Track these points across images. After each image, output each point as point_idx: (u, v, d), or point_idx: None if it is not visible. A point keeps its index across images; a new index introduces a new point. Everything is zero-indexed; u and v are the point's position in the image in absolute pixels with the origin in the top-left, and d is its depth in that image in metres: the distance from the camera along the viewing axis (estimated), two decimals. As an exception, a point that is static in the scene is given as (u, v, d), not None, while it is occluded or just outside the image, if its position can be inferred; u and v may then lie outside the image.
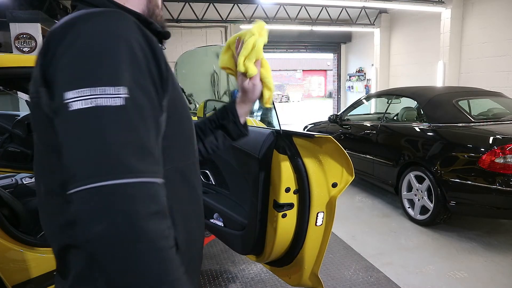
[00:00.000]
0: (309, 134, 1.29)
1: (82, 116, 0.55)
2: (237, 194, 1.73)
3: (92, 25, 0.61)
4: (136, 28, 0.64)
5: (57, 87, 0.59)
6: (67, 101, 0.56)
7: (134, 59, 0.61)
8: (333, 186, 1.36)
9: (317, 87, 37.73)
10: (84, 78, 0.57)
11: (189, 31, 9.89)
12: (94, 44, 0.59)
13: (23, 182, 2.74)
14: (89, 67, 0.58)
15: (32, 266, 1.70)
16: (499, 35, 6.67)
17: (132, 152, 0.56)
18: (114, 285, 0.55)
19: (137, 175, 0.55)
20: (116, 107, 0.56)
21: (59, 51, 0.60)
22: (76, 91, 0.56)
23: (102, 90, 0.56)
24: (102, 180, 0.53)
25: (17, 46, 6.00)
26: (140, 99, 0.60)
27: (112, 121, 0.56)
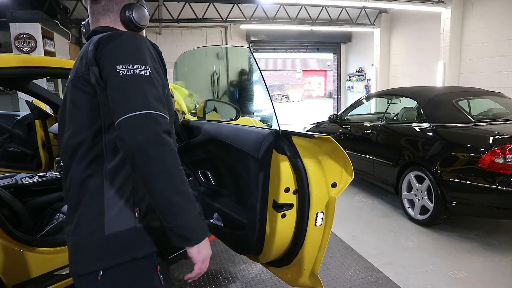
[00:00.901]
0: (309, 134, 1.29)
1: (128, 78, 0.96)
2: (236, 194, 1.73)
3: (125, 37, 1.04)
4: (148, 42, 1.10)
5: (110, 64, 0.98)
6: (118, 70, 0.96)
7: (151, 55, 1.05)
8: (333, 186, 1.36)
9: (317, 87, 37.72)
10: (127, 58, 0.99)
11: (189, 31, 9.89)
12: (129, 44, 1.03)
13: (23, 182, 2.74)
14: (129, 54, 1.00)
15: (32, 266, 1.70)
16: (499, 35, 6.67)
17: (155, 100, 0.97)
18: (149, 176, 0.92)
19: (158, 110, 0.95)
20: (146, 76, 0.99)
21: (107, 49, 1.01)
22: (123, 65, 0.97)
23: (138, 66, 0.98)
24: (140, 110, 0.93)
25: (17, 46, 6.00)
26: (156, 75, 1.03)
27: (144, 82, 0.98)
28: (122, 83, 0.95)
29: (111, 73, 0.97)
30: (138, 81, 0.96)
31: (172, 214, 0.94)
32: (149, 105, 0.94)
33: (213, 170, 1.90)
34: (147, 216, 1.06)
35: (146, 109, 0.93)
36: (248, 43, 10.61)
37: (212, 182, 1.93)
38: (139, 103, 0.93)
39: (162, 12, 8.56)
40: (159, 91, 1.00)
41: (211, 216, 1.83)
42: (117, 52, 1.00)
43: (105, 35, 1.04)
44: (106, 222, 1.02)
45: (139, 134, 0.90)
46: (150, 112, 0.93)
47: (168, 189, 0.92)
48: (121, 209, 1.04)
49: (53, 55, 6.62)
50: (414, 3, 7.55)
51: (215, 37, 10.25)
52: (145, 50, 1.03)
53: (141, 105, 0.93)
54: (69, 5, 8.09)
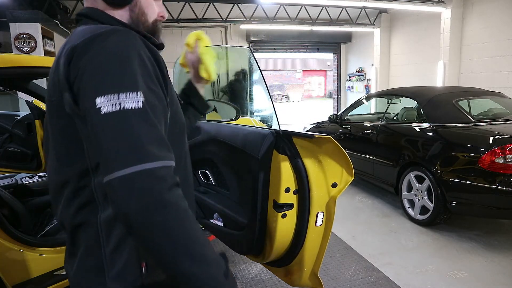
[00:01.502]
0: (309, 134, 1.29)
1: (112, 117, 0.70)
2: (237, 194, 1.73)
3: (108, 43, 0.76)
4: (142, 44, 0.80)
5: (87, 93, 0.72)
6: (99, 106, 0.70)
7: (144, 68, 0.77)
8: (333, 186, 1.36)
9: (317, 87, 37.72)
10: (110, 86, 0.71)
11: (189, 31, 9.78)
12: (112, 58, 0.74)
13: (23, 182, 2.75)
14: (112, 77, 0.72)
15: (32, 266, 1.70)
16: (499, 35, 6.67)
17: (154, 144, 0.71)
18: (153, 247, 0.69)
19: (160, 160, 0.71)
20: (138, 108, 0.71)
21: (83, 64, 0.74)
22: (105, 96, 0.70)
23: (125, 95, 0.71)
24: (134, 164, 0.68)
25: (17, 46, 6.00)
26: (153, 100, 0.76)
27: (136, 120, 0.71)
28: (106, 125, 0.69)
29: (91, 110, 0.70)
30: (127, 121, 0.70)
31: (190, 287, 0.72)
32: (145, 155, 0.69)
33: (213, 170, 1.90)
34: (156, 269, 0.85)
35: (141, 161, 0.68)
36: (248, 43, 10.61)
37: (212, 182, 1.93)
38: (131, 155, 0.69)
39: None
40: (157, 126, 0.74)
41: (211, 216, 1.83)
42: (95, 74, 0.73)
43: (81, 43, 0.76)
44: (108, 281, 0.83)
45: (136, 200, 0.67)
46: (147, 167, 0.68)
47: (182, 260, 0.70)
48: (124, 265, 0.83)
49: (53, 55, 6.62)
50: (414, 3, 7.55)
51: (215, 37, 10.25)
52: (134, 63, 0.75)
53: (134, 158, 0.68)
54: (69, 5, 8.09)
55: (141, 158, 0.69)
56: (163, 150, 0.73)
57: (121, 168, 0.68)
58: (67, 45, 0.80)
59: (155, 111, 0.75)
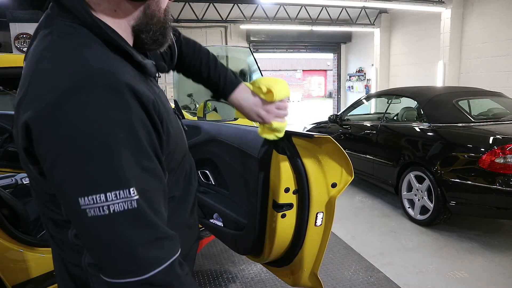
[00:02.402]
0: (308, 134, 1.29)
1: (100, 222, 0.56)
2: (236, 194, 1.73)
3: (80, 112, 0.55)
4: (133, 100, 0.59)
5: (66, 191, 0.57)
6: (83, 207, 0.56)
7: (137, 144, 0.59)
8: (333, 186, 1.36)
9: (317, 87, 37.71)
10: (94, 185, 0.56)
11: (189, 31, 9.88)
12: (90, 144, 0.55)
13: (23, 182, 2.75)
14: (95, 173, 0.56)
15: (32, 266, 1.70)
16: (499, 35, 6.67)
17: (152, 245, 0.59)
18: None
19: (160, 263, 0.60)
20: (130, 210, 0.57)
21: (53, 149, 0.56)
22: (89, 198, 0.55)
23: (114, 195, 0.56)
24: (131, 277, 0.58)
25: (17, 46, 6.00)
26: (148, 185, 0.61)
27: (129, 224, 0.58)
28: (94, 230, 0.57)
29: (74, 210, 0.57)
30: (118, 227, 0.57)
31: None
32: (143, 265, 0.59)
33: (213, 170, 1.90)
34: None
35: (140, 273, 0.58)
36: (248, 43, 10.61)
37: (212, 182, 1.93)
38: (126, 265, 0.58)
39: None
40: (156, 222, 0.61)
41: (211, 216, 1.83)
42: (72, 165, 0.56)
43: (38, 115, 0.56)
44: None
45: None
46: (147, 276, 0.59)
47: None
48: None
49: (53, 55, 6.62)
50: (414, 3, 7.55)
51: (215, 37, 10.25)
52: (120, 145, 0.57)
53: (130, 269, 0.58)
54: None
55: (137, 270, 0.58)
56: (164, 247, 0.62)
57: (117, 277, 0.58)
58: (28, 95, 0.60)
59: (152, 199, 0.62)
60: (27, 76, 0.62)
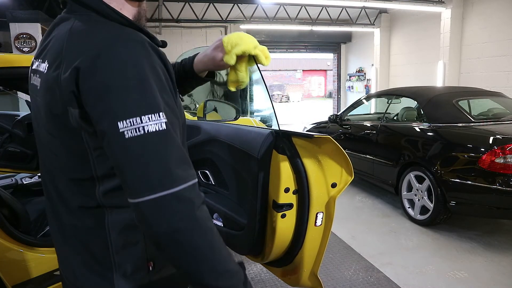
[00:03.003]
0: (308, 134, 1.29)
1: (137, 142, 0.68)
2: (236, 194, 1.73)
3: (119, 61, 0.70)
4: (152, 51, 0.75)
5: (107, 117, 0.68)
6: (122, 130, 0.67)
7: (160, 82, 0.73)
8: (333, 186, 1.36)
9: (317, 87, 37.72)
10: (132, 110, 0.68)
11: (189, 31, 9.89)
12: (128, 78, 0.69)
13: (23, 182, 2.75)
14: (133, 100, 0.68)
15: (32, 266, 1.70)
16: (499, 35, 6.67)
17: (178, 164, 0.71)
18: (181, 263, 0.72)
19: (186, 181, 0.70)
20: (161, 131, 0.69)
21: (96, 86, 0.69)
22: (127, 121, 0.67)
23: (148, 118, 0.68)
24: (163, 190, 0.68)
25: (17, 46, 6.00)
26: (171, 118, 0.73)
27: (160, 144, 0.69)
28: (131, 149, 0.68)
29: (112, 134, 0.68)
30: (152, 146, 0.68)
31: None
32: (172, 180, 0.69)
33: (213, 170, 1.90)
34: (163, 268, 0.89)
35: (170, 187, 0.68)
36: (248, 43, 10.62)
37: (212, 182, 1.93)
38: (159, 179, 0.68)
39: (162, 12, 8.56)
40: (180, 144, 0.73)
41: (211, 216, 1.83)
42: (113, 96, 0.68)
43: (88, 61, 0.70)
44: (115, 281, 0.85)
45: (165, 223, 0.68)
46: (175, 190, 0.68)
47: (207, 274, 0.73)
48: (132, 265, 0.85)
49: (53, 55, 6.62)
50: (414, 3, 7.55)
51: (215, 37, 10.25)
52: (151, 80, 0.71)
53: (163, 182, 0.68)
54: (69, 5, 8.09)
55: (168, 183, 0.68)
56: (187, 169, 0.73)
57: (149, 193, 0.67)
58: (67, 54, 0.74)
59: (175, 128, 0.74)
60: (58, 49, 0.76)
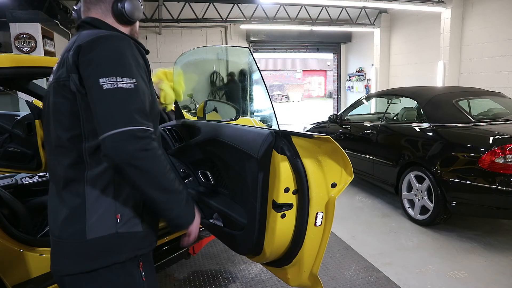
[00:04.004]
0: (308, 134, 1.29)
1: (110, 92, 0.97)
2: (236, 194, 1.73)
3: (110, 42, 1.03)
4: (134, 46, 1.09)
5: (93, 75, 0.98)
6: (101, 83, 0.97)
7: (137, 62, 1.06)
8: (332, 186, 1.36)
9: (317, 87, 37.71)
10: (111, 72, 0.98)
11: (189, 31, 9.89)
12: (113, 53, 1.02)
13: (23, 182, 2.75)
14: (113, 66, 0.99)
15: (32, 266, 1.70)
16: (499, 35, 6.67)
17: (138, 113, 0.99)
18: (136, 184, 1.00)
19: (142, 125, 0.98)
20: (130, 88, 0.99)
21: (90, 56, 1.00)
22: (106, 78, 0.97)
23: (121, 79, 0.98)
24: (123, 126, 0.95)
25: (17, 46, 6.00)
26: (142, 85, 1.04)
27: (127, 96, 0.98)
28: (105, 97, 0.96)
29: (94, 86, 0.97)
30: (121, 96, 0.97)
31: (164, 211, 1.08)
32: (132, 120, 0.96)
33: (213, 170, 1.90)
34: (129, 221, 1.10)
35: (129, 125, 0.95)
36: (248, 43, 10.61)
37: (212, 182, 1.93)
38: (121, 119, 0.95)
39: (162, 12, 8.56)
40: (144, 102, 1.02)
41: (211, 216, 1.83)
42: (99, 62, 0.99)
43: (87, 42, 1.02)
44: (87, 227, 1.05)
45: (124, 152, 0.94)
46: (133, 128, 0.95)
47: (157, 192, 1.02)
48: (103, 215, 1.06)
49: (53, 55, 6.62)
50: (414, 3, 7.55)
51: (215, 37, 10.25)
52: (129, 58, 1.03)
53: (123, 121, 0.95)
54: (69, 5, 8.09)
55: (128, 122, 0.95)
56: (145, 119, 1.00)
57: (112, 128, 0.94)
58: (76, 43, 1.05)
59: (143, 93, 1.03)
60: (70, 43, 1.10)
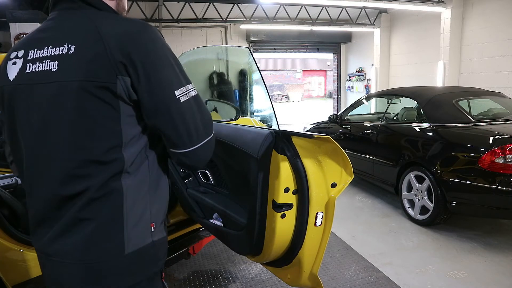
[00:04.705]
0: (308, 134, 1.29)
1: (189, 104, 0.94)
2: (236, 194, 1.73)
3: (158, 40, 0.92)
4: None
5: (165, 88, 0.91)
6: (178, 96, 0.92)
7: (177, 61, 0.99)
8: (332, 186, 1.36)
9: (317, 87, 37.71)
10: (181, 80, 0.94)
11: (189, 31, 9.89)
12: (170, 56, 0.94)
13: (23, 182, 2.74)
14: (179, 72, 0.94)
15: (32, 266, 1.70)
16: (499, 35, 6.66)
17: (210, 122, 1.01)
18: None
19: (212, 134, 1.01)
20: (197, 95, 0.97)
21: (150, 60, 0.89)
22: (180, 89, 0.93)
23: (188, 86, 0.95)
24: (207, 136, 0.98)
25: (17, 46, 5.99)
26: None
27: (200, 104, 0.97)
28: (185, 110, 0.93)
29: (171, 100, 0.91)
30: (196, 106, 0.95)
31: None
32: (212, 128, 1.01)
33: (213, 170, 1.90)
34: (159, 228, 1.04)
35: (210, 133, 1.00)
36: (248, 43, 10.61)
37: (212, 182, 1.93)
38: (206, 130, 0.98)
39: (162, 12, 8.56)
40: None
41: (211, 216, 1.83)
42: (164, 70, 0.90)
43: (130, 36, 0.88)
44: (126, 240, 0.94)
45: (207, 158, 1.02)
46: (212, 136, 1.00)
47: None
48: (139, 225, 0.97)
49: (53, 55, 6.60)
50: (414, 3, 7.54)
51: (215, 37, 10.25)
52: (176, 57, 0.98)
53: (206, 132, 0.98)
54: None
55: (210, 131, 1.00)
56: (212, 126, 1.02)
57: (200, 140, 0.96)
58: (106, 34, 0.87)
59: None
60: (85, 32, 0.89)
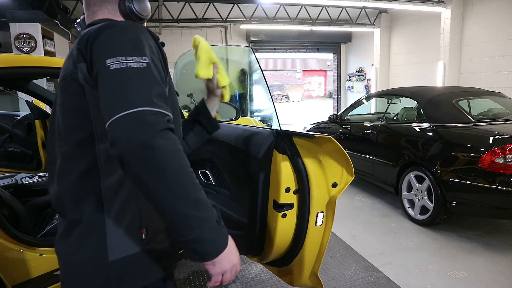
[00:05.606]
0: (309, 134, 1.29)
1: (120, 72, 0.81)
2: (237, 194, 1.73)
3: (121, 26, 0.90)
4: (148, 31, 0.93)
5: (100, 57, 0.83)
6: (108, 64, 0.81)
7: (150, 46, 0.89)
8: (333, 186, 1.36)
9: (317, 87, 37.73)
10: (119, 51, 0.83)
11: (189, 31, 9.88)
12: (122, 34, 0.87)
13: (23, 182, 2.74)
14: (121, 45, 0.84)
15: (32, 266, 1.69)
16: (499, 35, 6.67)
17: (155, 94, 0.81)
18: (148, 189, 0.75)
19: (157, 106, 0.79)
20: (142, 67, 0.83)
21: (97, 41, 0.85)
22: (114, 58, 0.82)
23: (131, 58, 0.82)
24: (134, 107, 0.76)
25: (17, 46, 5.99)
26: (156, 69, 0.86)
27: (140, 76, 0.81)
28: (112, 79, 0.80)
29: (101, 69, 0.82)
30: (131, 75, 0.80)
31: (183, 228, 0.77)
32: (146, 101, 0.77)
33: (214, 170, 1.90)
34: (156, 237, 0.93)
35: (141, 106, 0.76)
36: (248, 43, 10.61)
37: (212, 182, 1.93)
38: (132, 99, 0.77)
39: (162, 12, 8.56)
40: (160, 85, 0.84)
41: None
42: (108, 44, 0.85)
43: (95, 27, 0.89)
44: (109, 247, 0.88)
45: (133, 137, 0.73)
46: (149, 109, 0.76)
47: (175, 199, 0.75)
48: (125, 231, 0.89)
49: (53, 55, 6.62)
50: (414, 3, 7.55)
51: (215, 37, 10.25)
52: (142, 39, 0.87)
53: (135, 102, 0.76)
54: (69, 5, 8.09)
55: (141, 103, 0.77)
56: (162, 102, 0.81)
57: (122, 110, 0.75)
58: (82, 34, 0.93)
59: (160, 74, 0.87)
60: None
